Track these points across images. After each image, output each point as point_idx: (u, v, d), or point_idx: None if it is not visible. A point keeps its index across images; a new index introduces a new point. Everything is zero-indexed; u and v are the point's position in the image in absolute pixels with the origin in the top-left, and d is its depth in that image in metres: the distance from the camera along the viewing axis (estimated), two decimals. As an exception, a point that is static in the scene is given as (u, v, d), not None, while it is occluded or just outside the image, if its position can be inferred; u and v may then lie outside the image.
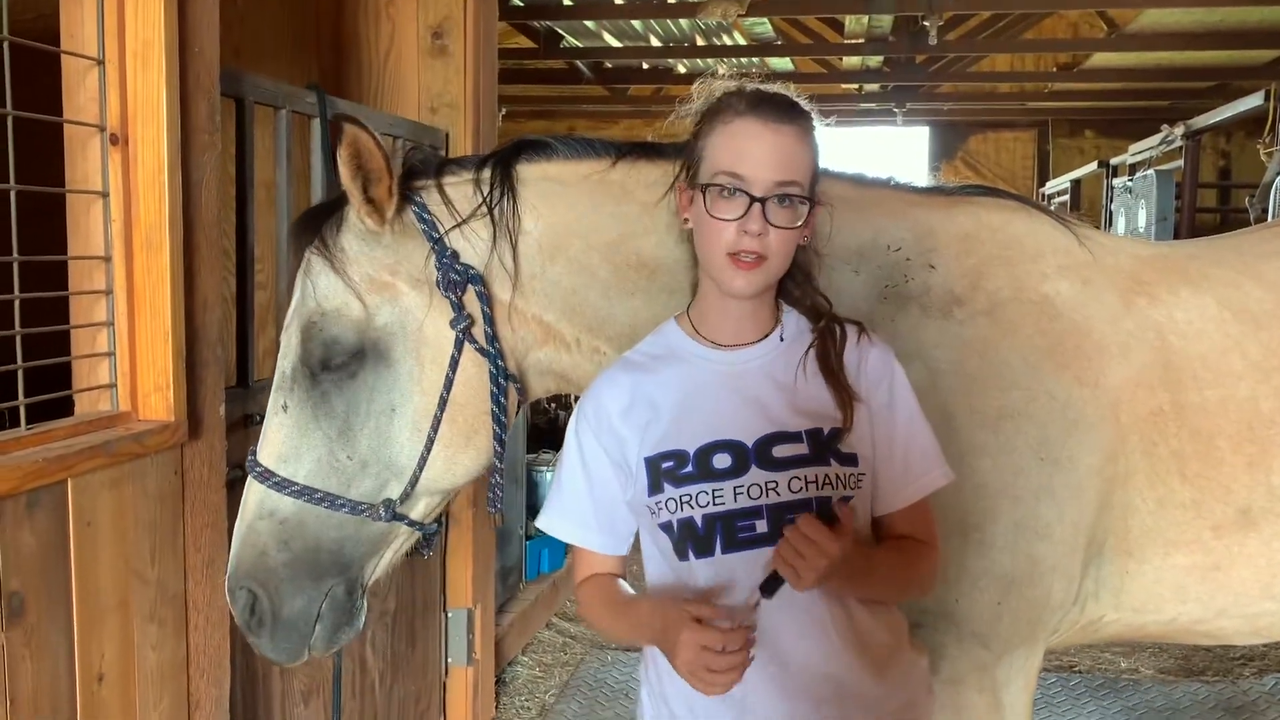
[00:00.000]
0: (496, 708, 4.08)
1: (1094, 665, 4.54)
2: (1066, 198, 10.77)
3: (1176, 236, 7.63)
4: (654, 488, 1.59)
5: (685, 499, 1.57)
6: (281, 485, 1.80)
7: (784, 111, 1.59)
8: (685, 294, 1.86)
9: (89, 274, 2.06)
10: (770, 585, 1.47)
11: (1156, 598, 1.95)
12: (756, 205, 1.53)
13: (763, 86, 1.63)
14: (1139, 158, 8.83)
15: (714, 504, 1.56)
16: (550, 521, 1.71)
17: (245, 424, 2.56)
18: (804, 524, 1.43)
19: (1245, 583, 1.92)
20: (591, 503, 1.66)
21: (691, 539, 1.58)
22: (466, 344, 1.81)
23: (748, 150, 1.56)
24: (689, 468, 1.58)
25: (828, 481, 1.56)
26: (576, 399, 1.76)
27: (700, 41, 9.25)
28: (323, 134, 2.89)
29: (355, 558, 1.85)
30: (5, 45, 1.81)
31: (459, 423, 1.83)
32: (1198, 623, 1.98)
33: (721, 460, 1.57)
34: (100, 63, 2.00)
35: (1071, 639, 2.04)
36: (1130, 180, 8.83)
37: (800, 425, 1.58)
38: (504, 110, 7.46)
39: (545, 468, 5.66)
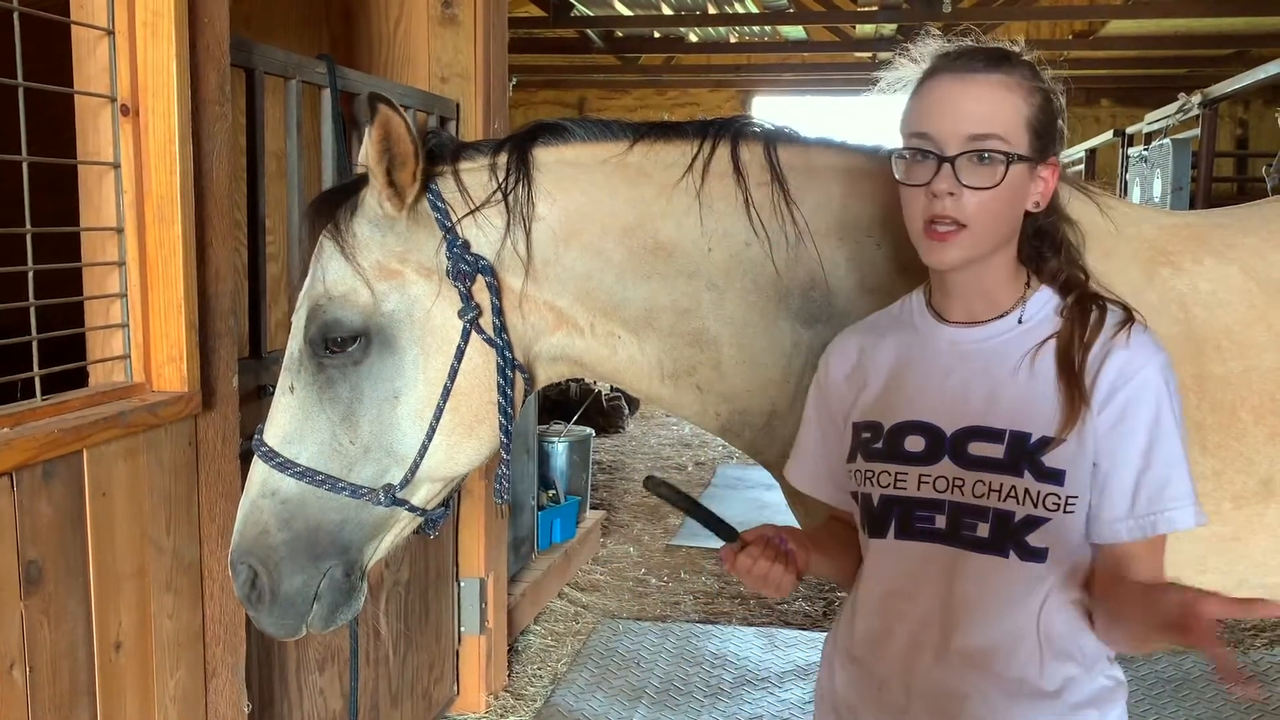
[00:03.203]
0: (509, 676, 4.11)
1: (1106, 636, 4.54)
2: (1081, 167, 10.67)
3: (1192, 206, 7.56)
4: (851, 455, 1.57)
5: (869, 475, 1.52)
6: (284, 466, 1.80)
7: (984, 60, 1.44)
8: (704, 277, 1.84)
9: (102, 246, 2.06)
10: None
11: (1174, 568, 1.93)
12: (946, 165, 1.41)
13: (972, 43, 1.49)
14: (1155, 126, 8.71)
15: (895, 487, 1.50)
16: (791, 474, 1.74)
17: (258, 395, 2.57)
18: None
19: (1266, 553, 1.90)
20: (825, 460, 1.67)
21: (867, 516, 1.55)
22: (473, 334, 1.80)
23: (936, 106, 1.44)
24: (879, 444, 1.52)
25: (1012, 494, 1.40)
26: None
27: (712, 10, 9.17)
28: (333, 104, 2.87)
29: (355, 540, 1.85)
30: (15, 16, 1.80)
31: (462, 412, 1.82)
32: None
33: (914, 443, 1.49)
34: (110, 33, 1.99)
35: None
36: (1146, 149, 8.73)
37: (1006, 424, 1.43)
38: (514, 80, 7.42)
39: (556, 439, 5.63)
